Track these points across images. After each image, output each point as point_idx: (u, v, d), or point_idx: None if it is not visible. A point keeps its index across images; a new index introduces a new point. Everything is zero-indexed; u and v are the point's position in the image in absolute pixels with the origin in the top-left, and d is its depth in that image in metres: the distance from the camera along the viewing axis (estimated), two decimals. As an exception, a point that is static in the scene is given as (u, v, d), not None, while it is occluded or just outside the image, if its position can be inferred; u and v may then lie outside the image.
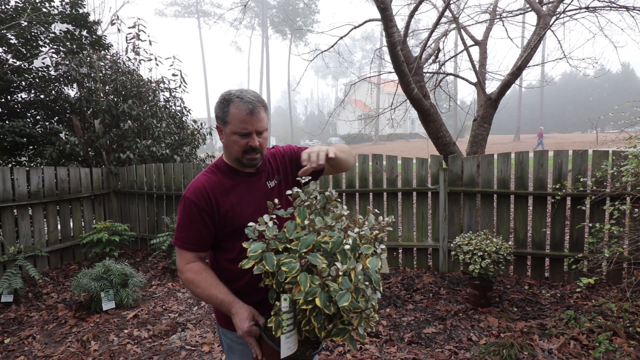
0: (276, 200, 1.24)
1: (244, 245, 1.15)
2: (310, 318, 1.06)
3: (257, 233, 1.16)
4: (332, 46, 5.81)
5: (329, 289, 1.02)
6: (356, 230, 1.15)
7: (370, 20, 5.49)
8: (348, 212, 1.20)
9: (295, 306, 1.06)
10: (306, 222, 1.15)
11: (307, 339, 1.18)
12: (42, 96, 6.17)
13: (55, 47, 6.21)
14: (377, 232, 1.19)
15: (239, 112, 1.31)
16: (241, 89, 1.37)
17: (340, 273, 1.02)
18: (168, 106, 7.34)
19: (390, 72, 5.65)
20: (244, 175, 1.45)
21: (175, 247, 1.42)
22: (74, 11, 6.23)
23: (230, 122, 1.33)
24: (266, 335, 1.21)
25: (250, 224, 1.18)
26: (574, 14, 5.01)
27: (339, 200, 1.26)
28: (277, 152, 1.59)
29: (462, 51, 5.93)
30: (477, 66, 5.23)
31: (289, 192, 1.22)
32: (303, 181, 1.29)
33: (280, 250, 1.14)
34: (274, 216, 1.20)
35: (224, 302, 1.31)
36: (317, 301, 1.01)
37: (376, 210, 1.24)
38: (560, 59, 5.38)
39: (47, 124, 6.20)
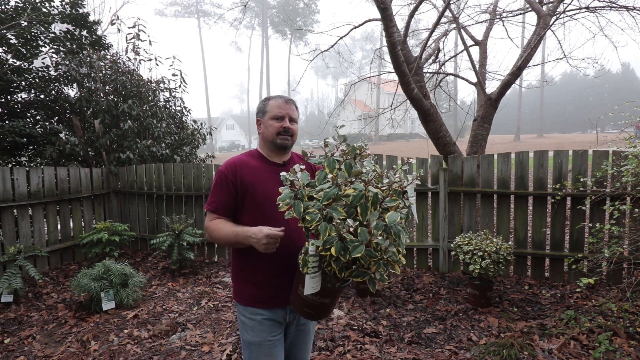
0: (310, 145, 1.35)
1: (280, 189, 1.30)
2: (331, 262, 1.22)
3: (288, 182, 1.29)
4: (332, 46, 5.81)
5: (345, 240, 1.15)
6: (386, 180, 1.24)
7: (370, 20, 5.49)
8: (373, 167, 1.29)
9: (318, 251, 1.21)
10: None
11: (335, 275, 1.29)
12: (42, 96, 6.16)
13: (55, 47, 6.21)
14: (403, 184, 1.25)
15: (276, 102, 1.68)
16: None
17: (351, 229, 1.14)
18: (168, 106, 7.34)
19: (390, 72, 5.65)
20: (271, 163, 1.70)
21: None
22: (74, 11, 6.23)
23: (269, 111, 1.68)
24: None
25: (283, 173, 1.31)
26: (574, 14, 5.01)
27: (370, 153, 1.34)
28: (313, 166, 1.81)
29: (462, 51, 5.93)
30: (477, 66, 5.23)
31: (320, 143, 1.38)
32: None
33: (310, 197, 1.26)
34: (303, 167, 1.34)
35: (238, 232, 1.52)
36: (333, 250, 1.15)
37: (406, 166, 1.34)
38: (560, 59, 5.38)
39: (47, 124, 6.19)
